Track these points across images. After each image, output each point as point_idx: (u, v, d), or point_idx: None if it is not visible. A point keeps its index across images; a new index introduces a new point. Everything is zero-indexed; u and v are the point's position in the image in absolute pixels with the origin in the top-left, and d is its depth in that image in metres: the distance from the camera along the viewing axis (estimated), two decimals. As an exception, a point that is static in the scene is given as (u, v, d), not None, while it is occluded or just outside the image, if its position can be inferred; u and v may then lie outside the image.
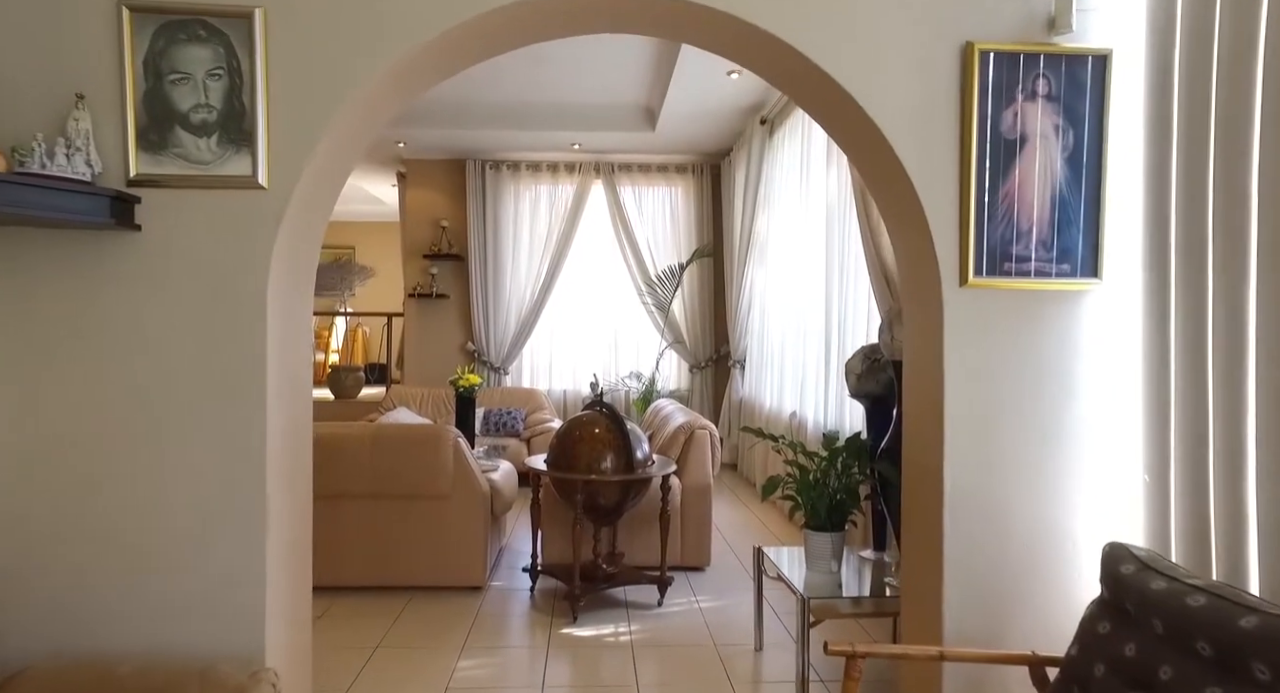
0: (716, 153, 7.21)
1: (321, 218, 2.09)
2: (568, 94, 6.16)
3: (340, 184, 2.10)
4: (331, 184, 2.05)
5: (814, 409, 4.53)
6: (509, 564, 4.01)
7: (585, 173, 7.30)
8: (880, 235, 3.21)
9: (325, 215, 2.11)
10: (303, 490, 2.10)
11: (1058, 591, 1.94)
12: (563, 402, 7.44)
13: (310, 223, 2.02)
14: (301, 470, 2.09)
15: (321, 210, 2.07)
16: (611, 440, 3.29)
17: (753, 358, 6.40)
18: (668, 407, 4.93)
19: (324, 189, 2.02)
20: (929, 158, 1.94)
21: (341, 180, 2.10)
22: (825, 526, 2.53)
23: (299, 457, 2.07)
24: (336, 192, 2.11)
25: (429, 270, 7.40)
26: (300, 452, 2.07)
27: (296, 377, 2.04)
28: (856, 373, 2.74)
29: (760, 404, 6.01)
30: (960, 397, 1.95)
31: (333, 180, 2.05)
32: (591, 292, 7.49)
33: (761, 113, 5.88)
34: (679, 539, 3.89)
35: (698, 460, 3.98)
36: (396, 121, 6.44)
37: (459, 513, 3.51)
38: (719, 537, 4.51)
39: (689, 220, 7.43)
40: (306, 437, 2.12)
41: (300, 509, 2.08)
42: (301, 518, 2.09)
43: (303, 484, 2.10)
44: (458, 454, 3.50)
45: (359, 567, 3.49)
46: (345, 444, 3.42)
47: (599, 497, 3.32)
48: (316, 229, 2.08)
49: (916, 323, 2.10)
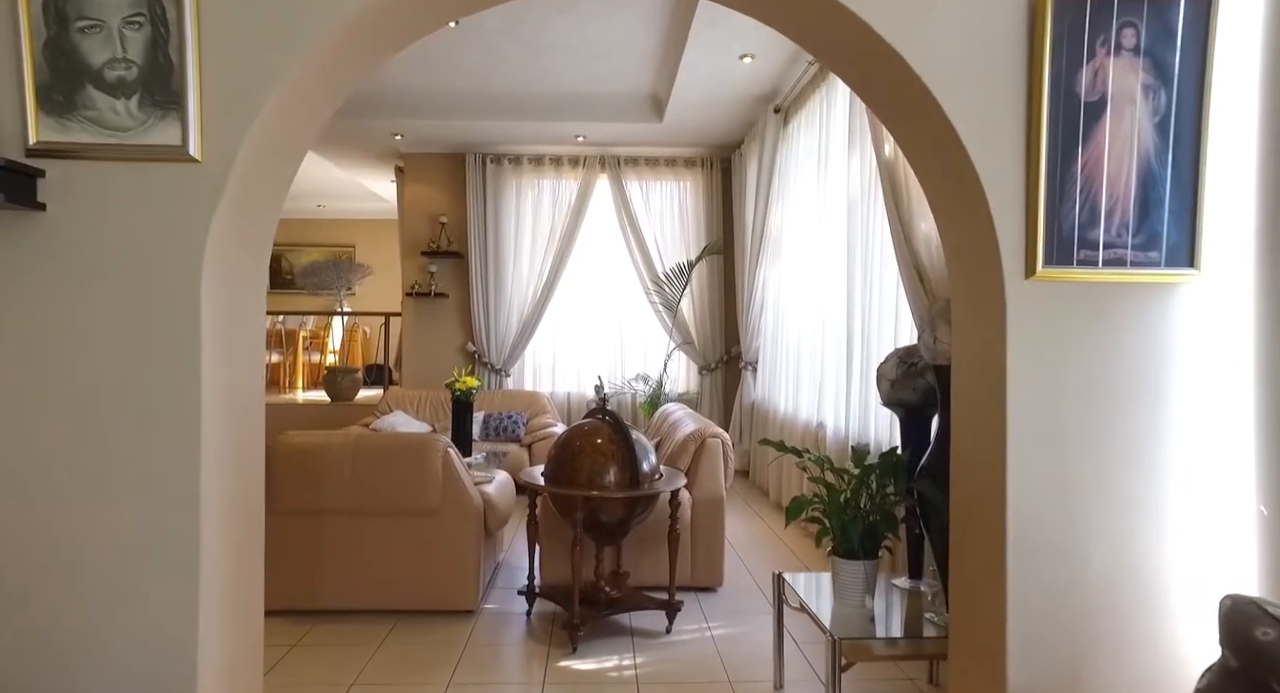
0: (727, 145, 6.91)
1: (273, 201, 1.79)
2: (571, 83, 5.87)
3: (296, 160, 1.81)
4: (283, 159, 1.75)
5: (834, 416, 4.22)
6: (505, 583, 3.71)
7: (590, 167, 7.01)
8: (913, 228, 2.90)
9: (278, 198, 1.81)
10: (250, 528, 1.80)
11: (1145, 641, 1.63)
12: (566, 405, 7.15)
13: (258, 206, 1.72)
14: (248, 504, 1.79)
15: (272, 192, 1.77)
16: (615, 452, 2.99)
17: (765, 360, 6.09)
18: (676, 412, 4.62)
19: (275, 165, 1.72)
20: (989, 125, 1.63)
21: (297, 155, 1.80)
22: (857, 553, 2.22)
23: (245, 489, 1.77)
24: (291, 169, 1.81)
25: (427, 268, 7.12)
26: (247, 483, 1.78)
27: (243, 392, 1.74)
28: (890, 379, 2.43)
29: (774, 409, 5.70)
30: (1026, 409, 1.64)
31: (285, 155, 1.76)
32: (596, 290, 7.19)
33: (775, 101, 5.57)
34: (689, 558, 3.59)
35: (709, 471, 3.67)
36: (393, 112, 6.17)
37: (449, 530, 3.21)
38: (731, 553, 4.20)
39: (698, 216, 7.13)
40: (256, 465, 1.82)
41: (247, 550, 1.79)
42: (248, 559, 1.79)
43: (250, 521, 1.80)
44: (447, 466, 3.21)
45: (339, 589, 3.19)
46: (324, 456, 3.13)
47: (601, 514, 3.02)
48: (266, 214, 1.78)
49: (970, 322, 1.79)
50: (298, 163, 1.81)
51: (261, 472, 1.86)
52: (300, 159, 1.82)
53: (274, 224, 1.83)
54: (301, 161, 1.83)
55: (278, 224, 1.85)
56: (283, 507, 3.15)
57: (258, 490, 1.84)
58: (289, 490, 3.14)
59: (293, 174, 1.82)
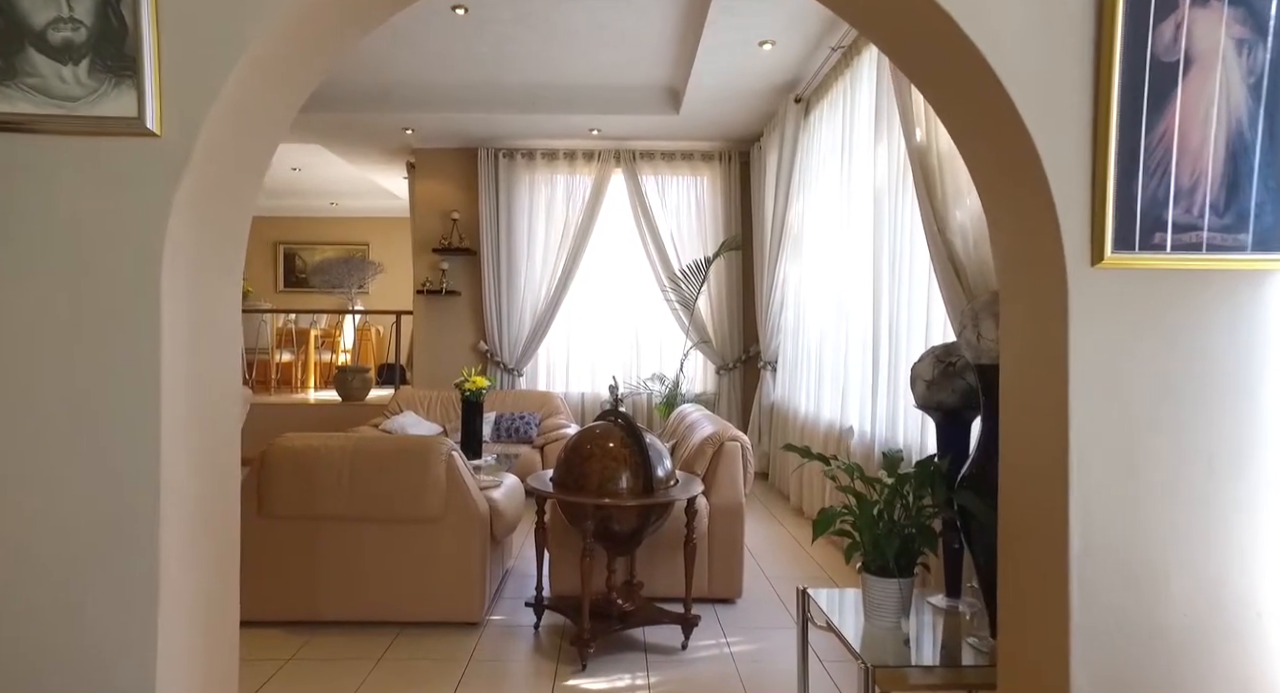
0: (745, 138, 6.71)
1: (246, 186, 1.62)
2: (584, 74, 5.70)
3: (270, 141, 1.64)
4: (256, 139, 1.59)
5: (859, 419, 4.01)
6: (514, 592, 3.54)
7: (604, 161, 6.84)
8: (948, 218, 2.69)
9: (251, 184, 1.64)
10: (222, 535, 1.64)
11: (1235, 681, 1.42)
12: (580, 406, 6.98)
13: (228, 190, 1.56)
14: (221, 510, 1.63)
15: (245, 176, 1.61)
16: (628, 457, 2.81)
17: (786, 359, 5.88)
18: (693, 413, 4.44)
19: (246, 146, 1.56)
20: (1049, 91, 1.43)
21: (271, 136, 1.63)
22: (891, 570, 2.02)
23: (217, 492, 1.61)
24: (264, 151, 1.64)
25: (439, 266, 6.99)
26: (220, 486, 1.62)
27: (214, 389, 1.58)
28: (926, 379, 2.23)
29: (795, 410, 5.49)
30: (1093, 413, 1.43)
31: (259, 135, 1.59)
32: (611, 288, 7.02)
33: (796, 90, 5.37)
34: (706, 568, 3.40)
35: (728, 477, 3.48)
36: (403, 106, 6.04)
37: (452, 538, 3.05)
38: (751, 562, 4.01)
39: (715, 211, 6.93)
40: (230, 468, 1.66)
41: (219, 559, 1.63)
42: (220, 569, 1.63)
43: (223, 528, 1.64)
44: (451, 471, 3.04)
45: (337, 600, 3.04)
46: (321, 459, 2.98)
47: (613, 523, 2.84)
48: (239, 201, 1.61)
49: (1024, 317, 1.59)
50: (272, 145, 1.65)
51: (236, 475, 1.70)
52: (275, 141, 1.65)
53: (248, 212, 1.66)
54: (277, 145, 1.67)
55: (296, 223, 1.69)
56: (279, 512, 3.00)
57: (231, 495, 1.68)
58: (285, 496, 2.99)
59: (267, 158, 1.66)
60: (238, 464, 1.69)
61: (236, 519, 1.69)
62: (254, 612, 3.03)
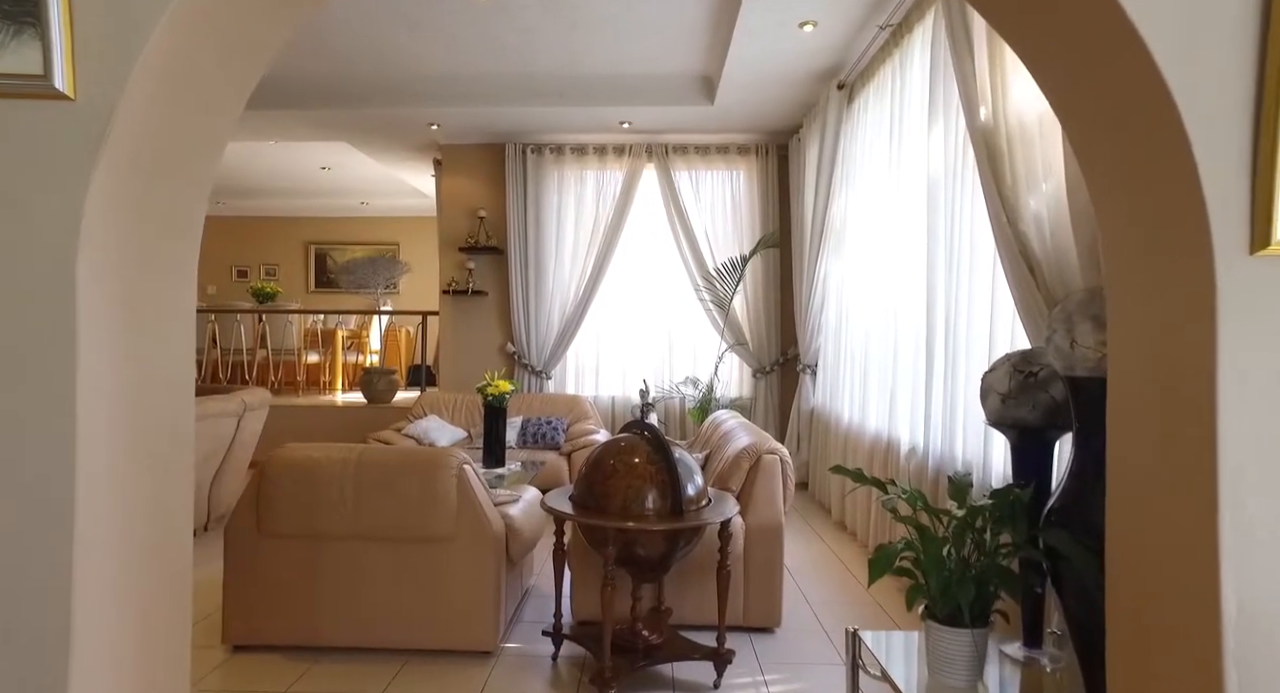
0: (783, 130, 6.37)
1: (198, 169, 1.38)
2: (613, 64, 5.43)
3: (224, 114, 1.39)
4: (205, 110, 1.34)
5: (909, 430, 3.66)
6: (534, 615, 3.28)
7: (636, 156, 6.56)
8: (1020, 206, 2.35)
9: (204, 166, 1.39)
10: (166, 559, 1.39)
11: None
12: (611, 410, 6.71)
13: (173, 170, 1.31)
14: (162, 530, 1.38)
15: (195, 154, 1.36)
16: (654, 474, 2.53)
17: (827, 363, 5.53)
18: (728, 420, 4.13)
19: (192, 117, 1.31)
20: (1201, 57, 1.11)
21: (224, 107, 1.39)
22: (960, 618, 1.70)
23: (158, 511, 1.36)
24: (218, 126, 1.40)
25: (465, 265, 6.78)
26: (161, 504, 1.37)
27: (157, 395, 1.34)
28: (1000, 393, 1.90)
29: (836, 418, 5.15)
30: (1253, 434, 1.11)
31: (207, 104, 1.34)
32: (643, 288, 6.74)
33: (839, 76, 5.02)
34: (742, 593, 3.10)
35: (765, 494, 3.17)
36: (427, 100, 5.83)
37: (464, 560, 2.80)
38: (790, 583, 3.69)
39: (752, 207, 6.61)
40: (179, 483, 1.42)
41: (159, 586, 1.38)
42: (162, 598, 1.39)
43: (166, 551, 1.39)
44: (462, 486, 2.79)
45: (341, 625, 2.81)
46: (322, 472, 2.75)
47: (637, 547, 2.56)
48: (188, 185, 1.37)
49: (1147, 317, 1.27)
50: (223, 123, 1.40)
51: (189, 491, 1.46)
52: (227, 118, 1.40)
53: (198, 203, 1.42)
54: (231, 124, 1.42)
55: (327, 223, 1.45)
56: (278, 530, 2.79)
57: (180, 514, 1.44)
58: (284, 512, 2.77)
59: (218, 140, 1.41)
60: (190, 473, 1.45)
61: (187, 535, 1.44)
62: (252, 636, 2.83)
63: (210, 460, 4.36)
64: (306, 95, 5.87)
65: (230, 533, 2.84)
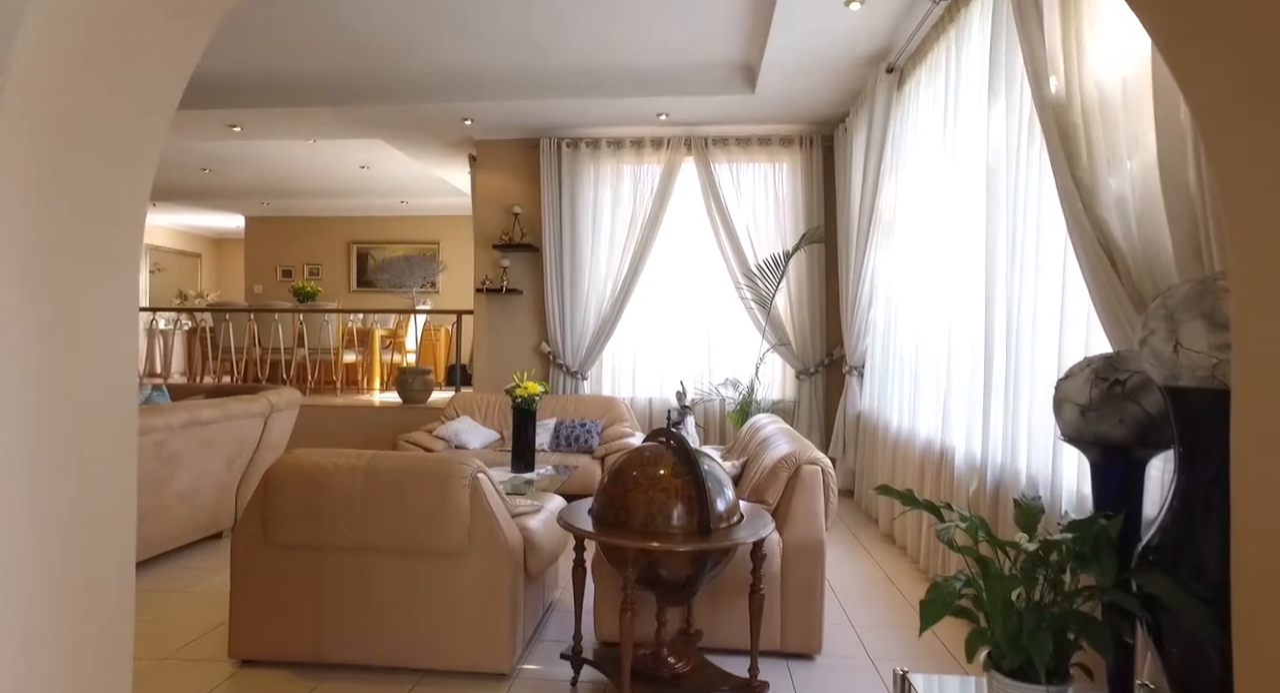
0: (828, 120, 6.07)
1: (133, 148, 1.20)
2: (649, 52, 5.22)
3: (163, 80, 1.21)
4: (136, 74, 1.16)
5: (964, 439, 3.35)
6: (556, 633, 3.08)
7: (674, 148, 6.33)
8: (1098, 189, 2.05)
9: (141, 145, 1.22)
10: (96, 592, 1.22)
11: None
12: (648, 412, 6.49)
13: (96, 146, 1.14)
14: (93, 557, 1.21)
15: (124, 131, 1.18)
16: (680, 488, 2.30)
17: (875, 364, 5.22)
18: (768, 426, 3.88)
19: (118, 82, 1.13)
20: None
21: (163, 71, 1.21)
22: (1032, 673, 1.44)
23: (86, 535, 1.19)
24: (157, 95, 1.22)
25: (500, 262, 6.64)
26: (91, 526, 1.20)
27: (86, 401, 1.17)
28: (1079, 403, 1.62)
29: (884, 423, 4.84)
30: None
31: (139, 67, 1.16)
32: (681, 285, 6.50)
33: (888, 59, 4.71)
34: (779, 616, 2.85)
35: (805, 508, 2.92)
36: (460, 94, 5.71)
37: (478, 576, 2.61)
38: (833, 602, 3.42)
39: (795, 201, 6.32)
40: (120, 529, 1.24)
41: (82, 624, 1.21)
42: (87, 638, 1.21)
43: (95, 581, 1.22)
44: (476, 497, 2.61)
45: (349, 641, 2.66)
46: (329, 481, 2.60)
47: (661, 568, 2.34)
48: (118, 165, 1.19)
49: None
50: (162, 92, 1.22)
51: (128, 520, 1.29)
52: (167, 86, 1.22)
53: (140, 182, 1.24)
54: (174, 94, 1.24)
55: (367, 222, 1.27)
56: (284, 540, 2.65)
57: (116, 547, 1.27)
58: (290, 522, 2.62)
59: (157, 113, 1.23)
60: (129, 516, 1.28)
61: (126, 591, 1.27)
62: (259, 650, 2.70)
63: (235, 463, 4.29)
64: (340, 91, 5.80)
65: (237, 542, 2.71)
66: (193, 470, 3.94)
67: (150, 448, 3.58)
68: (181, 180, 9.19)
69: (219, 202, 10.29)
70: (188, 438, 3.84)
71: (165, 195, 9.98)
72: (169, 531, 3.89)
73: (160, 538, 3.85)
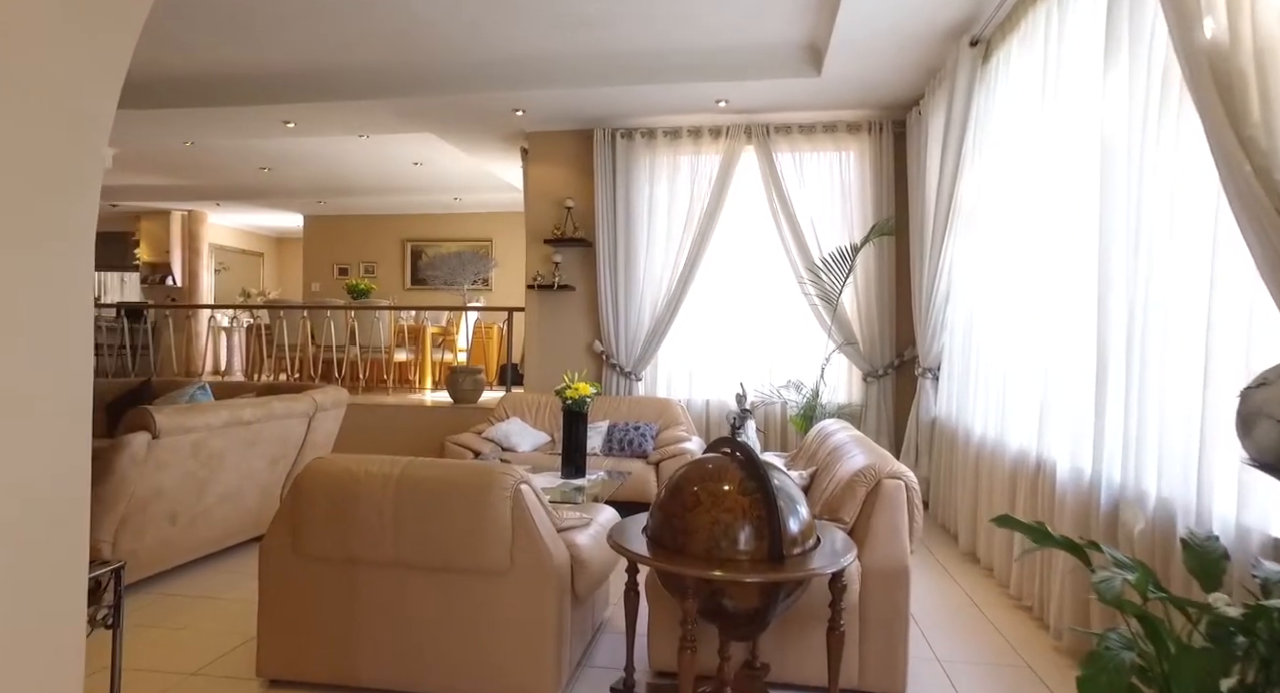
0: (899, 104, 5.66)
1: (82, 86, 0.97)
2: (707, 34, 4.91)
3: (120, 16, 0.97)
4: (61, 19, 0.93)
5: (1071, 452, 2.95)
6: (604, 659, 2.81)
7: (733, 137, 6.00)
8: (1277, 151, 1.66)
9: (93, 84, 0.98)
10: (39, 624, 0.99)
11: None
12: (705, 415, 6.18)
13: (29, 82, 0.90)
14: (49, 646, 0.98)
15: (66, 68, 0.95)
16: (748, 506, 2.00)
17: (953, 365, 4.80)
18: (838, 432, 3.54)
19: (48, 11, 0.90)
20: None
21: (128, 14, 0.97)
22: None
23: (40, 608, 0.96)
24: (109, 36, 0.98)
25: (552, 258, 6.43)
26: (50, 595, 0.97)
27: (30, 423, 0.94)
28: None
29: (965, 429, 4.42)
30: None
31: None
32: (741, 281, 6.17)
33: (971, 32, 4.30)
34: (855, 648, 2.52)
35: (886, 527, 2.58)
36: (511, 83, 5.50)
37: (520, 596, 2.36)
38: (913, 632, 3.06)
39: (863, 192, 5.92)
40: (73, 561, 1.02)
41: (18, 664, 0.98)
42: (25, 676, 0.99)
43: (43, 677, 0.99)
44: (519, 511, 2.35)
45: (381, 663, 2.44)
46: (359, 489, 2.38)
47: (726, 598, 2.04)
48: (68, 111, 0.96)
49: None
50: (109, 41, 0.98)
51: (80, 549, 1.06)
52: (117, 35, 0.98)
53: (91, 141, 1.01)
54: (125, 46, 1.00)
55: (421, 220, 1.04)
56: (313, 552, 2.44)
57: (67, 580, 1.04)
58: (320, 533, 2.42)
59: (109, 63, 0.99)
60: (81, 544, 1.06)
61: (75, 641, 1.04)
62: (288, 669, 2.51)
63: (280, 463, 4.16)
64: (389, 84, 5.67)
65: (265, 552, 2.52)
66: (235, 471, 3.81)
67: (188, 448, 3.46)
68: (243, 180, 9.29)
69: (278, 201, 10.40)
70: (230, 437, 3.71)
71: (227, 195, 10.13)
72: (209, 533, 3.77)
73: (200, 541, 3.73)
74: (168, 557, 3.56)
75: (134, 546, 3.35)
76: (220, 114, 6.12)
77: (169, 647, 2.85)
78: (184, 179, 9.29)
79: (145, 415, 3.28)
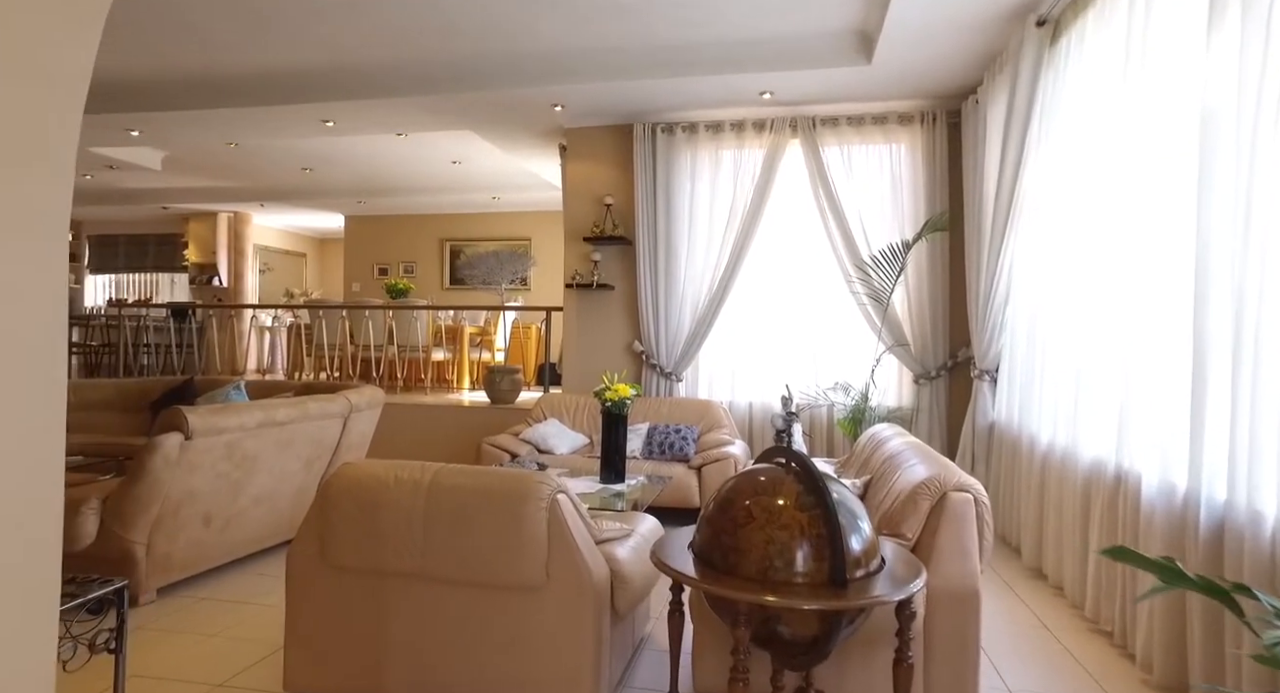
0: (954, 93, 5.38)
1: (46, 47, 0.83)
2: (751, 20, 4.71)
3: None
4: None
5: (1161, 463, 2.68)
6: (645, 680, 2.64)
7: (778, 131, 5.78)
8: None
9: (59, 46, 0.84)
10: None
11: None
12: (748, 418, 5.97)
13: None
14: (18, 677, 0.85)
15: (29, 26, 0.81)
16: (806, 524, 1.81)
17: (1014, 367, 4.52)
18: (893, 439, 3.32)
19: None
20: None
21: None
22: None
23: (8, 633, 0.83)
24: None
25: (591, 256, 6.28)
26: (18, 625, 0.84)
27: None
28: None
29: (1029, 436, 4.14)
30: None
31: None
32: (786, 280, 5.94)
33: (1039, 11, 4.03)
34: (920, 679, 2.31)
35: (954, 546, 2.36)
36: (549, 77, 5.37)
37: (556, 614, 2.21)
38: (983, 661, 2.82)
39: (915, 186, 5.65)
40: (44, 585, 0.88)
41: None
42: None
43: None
44: (555, 522, 2.20)
45: (411, 680, 2.30)
46: (388, 497, 2.25)
47: (781, 625, 1.85)
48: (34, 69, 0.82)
49: None
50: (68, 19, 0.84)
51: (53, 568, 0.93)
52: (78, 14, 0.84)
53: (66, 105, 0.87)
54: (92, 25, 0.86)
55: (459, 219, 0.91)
56: (341, 562, 2.32)
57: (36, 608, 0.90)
58: (347, 541, 2.30)
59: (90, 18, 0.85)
60: (54, 563, 0.92)
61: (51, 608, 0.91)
62: (315, 684, 2.39)
63: (315, 465, 4.08)
64: (426, 80, 5.59)
65: (292, 561, 2.41)
66: (269, 473, 3.74)
67: (222, 449, 3.39)
68: (285, 180, 9.37)
69: (320, 201, 10.47)
70: (264, 438, 3.64)
71: (271, 195, 10.23)
72: (243, 536, 3.70)
73: (234, 544, 3.66)
74: (201, 560, 3.50)
75: (168, 548, 3.29)
76: (260, 113, 6.12)
77: (198, 655, 2.77)
78: (229, 180, 9.40)
79: (178, 416, 3.22)
